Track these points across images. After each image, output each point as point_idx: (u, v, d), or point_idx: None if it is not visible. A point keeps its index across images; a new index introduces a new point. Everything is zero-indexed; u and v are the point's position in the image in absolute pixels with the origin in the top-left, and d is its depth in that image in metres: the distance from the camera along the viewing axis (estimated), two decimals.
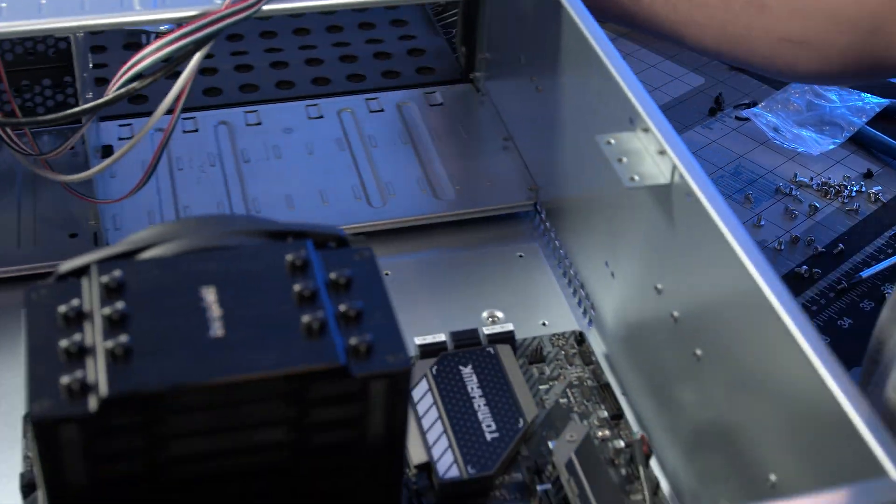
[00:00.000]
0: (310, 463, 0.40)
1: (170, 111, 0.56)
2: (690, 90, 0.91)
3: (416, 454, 0.52)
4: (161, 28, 0.83)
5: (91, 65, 0.65)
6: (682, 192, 0.49)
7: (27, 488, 0.50)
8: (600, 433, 0.55)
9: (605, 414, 0.56)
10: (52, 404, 0.35)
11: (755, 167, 0.81)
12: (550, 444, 0.54)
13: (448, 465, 0.52)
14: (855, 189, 0.79)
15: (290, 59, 0.82)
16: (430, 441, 0.53)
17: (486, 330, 0.59)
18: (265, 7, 0.56)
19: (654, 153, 0.52)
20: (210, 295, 0.39)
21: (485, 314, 0.63)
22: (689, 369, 0.50)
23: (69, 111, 0.55)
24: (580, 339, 0.60)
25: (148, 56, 0.54)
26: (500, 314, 0.63)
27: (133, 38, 0.83)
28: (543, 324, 0.63)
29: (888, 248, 0.73)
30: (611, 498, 0.51)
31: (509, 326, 0.59)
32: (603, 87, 0.56)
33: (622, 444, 0.55)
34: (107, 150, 0.70)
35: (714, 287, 0.48)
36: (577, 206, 0.64)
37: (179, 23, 0.55)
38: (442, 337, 0.57)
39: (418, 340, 0.57)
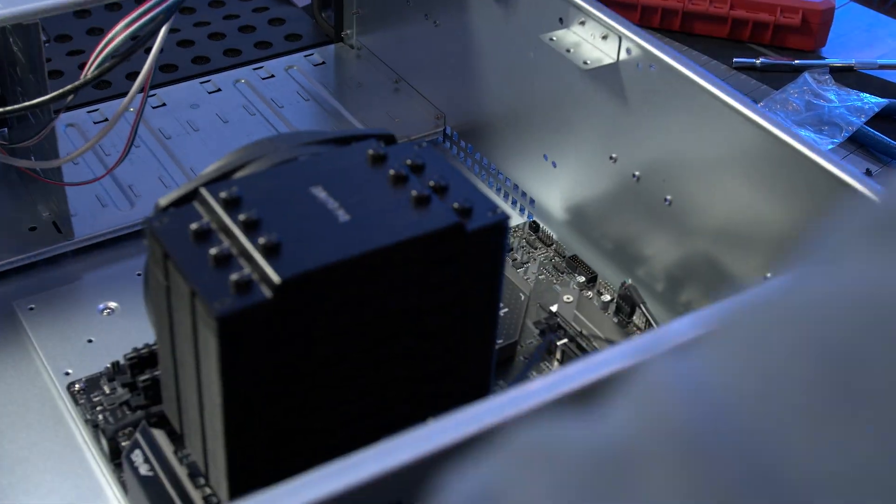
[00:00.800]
0: (435, 321, 0.45)
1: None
2: None
3: None
4: None
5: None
6: (631, 66, 0.58)
7: (113, 441, 0.52)
8: (583, 295, 0.63)
9: (582, 279, 0.64)
10: (231, 300, 0.39)
11: None
12: (553, 308, 0.61)
13: None
14: None
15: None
16: None
17: None
18: None
19: (594, 40, 0.60)
20: (320, 192, 0.44)
21: None
22: (662, 215, 0.59)
23: (55, 93, 0.57)
24: (534, 226, 0.68)
25: (118, 34, 0.57)
26: None
27: None
28: None
29: None
30: (617, 337, 0.59)
31: None
32: None
33: (607, 297, 0.63)
34: None
35: (682, 132, 0.56)
36: (498, 119, 0.71)
37: None
38: None
39: None
